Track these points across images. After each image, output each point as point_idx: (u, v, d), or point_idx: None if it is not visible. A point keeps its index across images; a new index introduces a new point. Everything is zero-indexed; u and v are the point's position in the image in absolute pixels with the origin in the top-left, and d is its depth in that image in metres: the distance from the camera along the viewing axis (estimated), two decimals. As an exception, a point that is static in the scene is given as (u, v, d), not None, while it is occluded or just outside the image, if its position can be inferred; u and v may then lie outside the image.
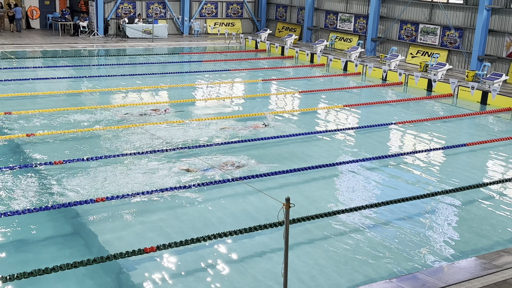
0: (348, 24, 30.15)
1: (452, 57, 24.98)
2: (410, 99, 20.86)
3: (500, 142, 15.67)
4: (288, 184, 12.01)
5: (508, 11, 22.41)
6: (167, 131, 15.10)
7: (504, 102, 19.52)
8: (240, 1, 35.51)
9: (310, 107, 18.83)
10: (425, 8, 25.91)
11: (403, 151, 14.79)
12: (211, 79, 22.99)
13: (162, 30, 32.05)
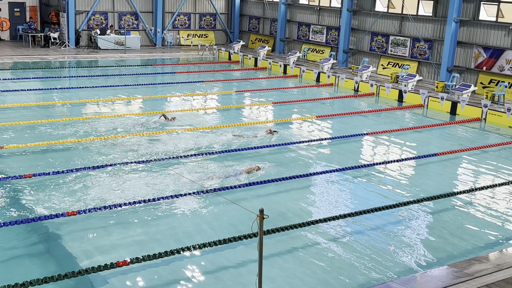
0: (320, 35, 30.47)
1: (422, 68, 25.43)
2: (382, 109, 21.13)
3: (469, 151, 15.96)
4: (262, 194, 12.02)
5: (476, 23, 22.94)
6: (139, 143, 14.99)
7: (472, 112, 19.92)
8: (213, 13, 35.61)
9: (283, 118, 18.92)
10: (395, 21, 26.36)
11: (375, 161, 14.95)
12: (184, 90, 22.93)
13: (134, 42, 31.90)
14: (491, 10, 22.70)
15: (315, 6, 30.55)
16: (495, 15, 22.43)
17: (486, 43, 22.69)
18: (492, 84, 22.37)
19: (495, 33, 22.35)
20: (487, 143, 17.05)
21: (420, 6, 25.40)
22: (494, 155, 15.92)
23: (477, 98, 21.74)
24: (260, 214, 6.75)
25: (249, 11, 35.61)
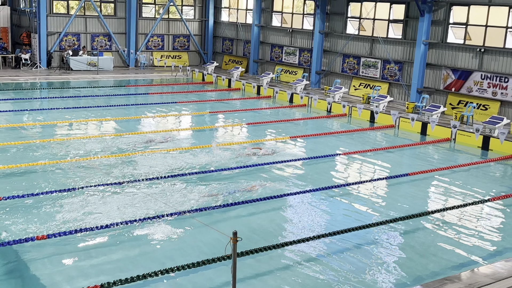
0: (293, 57, 30.81)
1: (393, 89, 25.87)
2: (354, 130, 21.38)
3: (440, 171, 16.23)
4: (237, 215, 12.00)
5: (444, 46, 23.50)
6: (112, 165, 14.86)
7: (442, 132, 20.30)
8: (187, 34, 35.75)
9: (257, 138, 18.98)
10: (366, 43, 26.84)
11: (349, 181, 15.08)
12: (157, 111, 22.86)
13: (107, 63, 31.76)
14: (458, 33, 23.30)
15: (288, 28, 30.93)
16: (463, 37, 23.02)
17: (454, 65, 23.24)
18: (461, 105, 22.87)
19: (463, 55, 22.91)
20: (457, 163, 17.36)
21: (390, 29, 25.93)
22: (464, 175, 16.22)
23: (446, 119, 22.18)
24: (233, 236, 6.74)
25: (222, 33, 35.85)
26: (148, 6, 34.64)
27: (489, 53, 22.02)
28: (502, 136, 18.44)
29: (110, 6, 33.37)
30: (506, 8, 21.38)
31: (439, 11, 23.45)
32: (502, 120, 19.70)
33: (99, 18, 32.47)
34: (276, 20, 31.99)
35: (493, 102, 21.87)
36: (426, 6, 23.21)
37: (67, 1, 31.93)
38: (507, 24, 21.40)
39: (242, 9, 34.39)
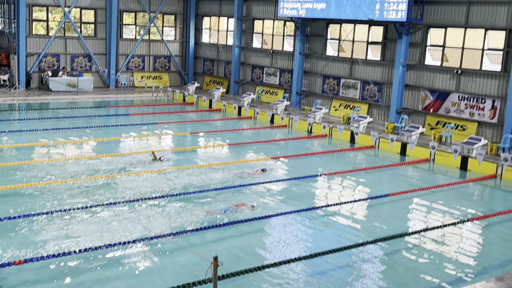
0: (274, 78, 31.00)
1: (372, 110, 26.13)
2: (335, 150, 21.50)
3: (419, 192, 16.36)
4: (218, 238, 11.92)
5: (422, 67, 23.88)
6: (91, 187, 14.70)
7: (421, 153, 20.51)
8: (168, 55, 35.81)
9: (238, 159, 18.97)
10: (345, 64, 27.15)
11: (329, 202, 15.11)
12: (138, 132, 22.75)
13: (87, 83, 31.60)
14: (436, 55, 23.71)
15: (268, 50, 31.17)
16: (440, 59, 23.42)
17: (432, 86, 23.59)
18: (439, 125, 23.17)
19: (440, 77, 23.29)
20: (436, 183, 17.52)
21: (369, 51, 26.28)
22: (443, 195, 16.37)
23: (425, 139, 22.43)
24: (214, 261, 6.69)
25: (203, 54, 35.99)
26: (128, 27, 34.68)
27: (466, 75, 22.42)
28: (480, 157, 18.70)
29: (91, 27, 33.33)
30: (482, 31, 21.85)
31: (416, 33, 23.87)
32: (479, 140, 19.99)
33: (79, 39, 32.39)
34: (257, 41, 32.24)
35: (471, 122, 22.21)
36: (403, 28, 23.62)
37: (47, 22, 31.83)
38: (483, 46, 21.84)
39: (223, 30, 34.61)
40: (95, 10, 32.80)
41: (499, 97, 21.35)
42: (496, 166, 18.50)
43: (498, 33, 21.46)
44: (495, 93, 21.54)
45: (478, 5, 21.84)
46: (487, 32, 21.73)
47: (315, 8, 26.26)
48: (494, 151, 20.16)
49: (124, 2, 33.53)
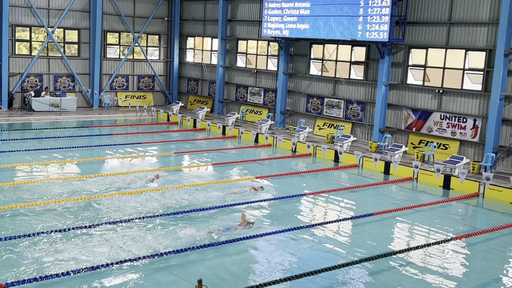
0: (258, 97, 31.14)
1: (356, 129, 26.32)
2: (319, 170, 21.56)
3: (403, 211, 16.44)
4: (202, 259, 11.83)
5: (404, 87, 24.16)
6: (73, 208, 14.54)
7: (405, 172, 20.66)
8: (152, 74, 35.83)
9: (222, 179, 18.93)
10: (329, 84, 27.38)
11: (314, 222, 15.11)
12: (122, 152, 22.62)
13: (70, 103, 31.44)
14: (417, 75, 24.03)
15: (252, 69, 31.35)
16: (422, 79, 23.73)
17: (414, 106, 23.86)
18: (422, 144, 23.40)
19: (422, 96, 23.58)
20: (419, 202, 17.63)
21: (352, 70, 26.56)
22: (427, 214, 16.47)
23: (408, 158, 22.62)
24: (198, 284, 6.64)
25: (187, 73, 36.08)
26: (112, 47, 34.69)
27: (447, 94, 22.73)
28: (462, 176, 18.88)
29: (74, 47, 33.27)
30: (462, 51, 22.22)
31: (398, 53, 24.20)
32: (462, 159, 20.20)
33: (62, 59, 32.30)
34: (241, 61, 32.42)
35: (453, 141, 22.46)
36: (386, 49, 23.94)
37: (30, 42, 31.71)
38: (464, 66, 22.20)
39: (207, 50, 34.77)
40: (78, 30, 32.78)
41: (480, 116, 21.65)
42: (478, 185, 18.69)
43: (478, 53, 21.85)
44: (476, 112, 21.84)
45: (458, 26, 22.24)
46: (467, 52, 22.11)
47: (298, 28, 26.54)
48: (476, 170, 20.39)
49: (108, 23, 33.58)
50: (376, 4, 23.05)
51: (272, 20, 27.86)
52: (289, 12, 26.89)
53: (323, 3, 25.21)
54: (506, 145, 20.83)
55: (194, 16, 35.09)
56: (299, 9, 26.40)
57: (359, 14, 23.70)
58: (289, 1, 26.81)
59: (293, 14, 26.71)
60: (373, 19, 23.21)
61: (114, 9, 33.62)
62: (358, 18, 23.77)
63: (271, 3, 27.82)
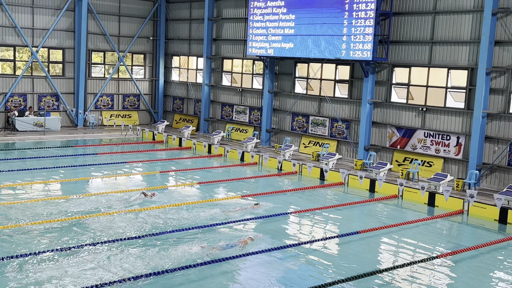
0: (244, 115, 31.22)
1: (341, 147, 26.45)
2: (305, 188, 21.59)
3: (389, 228, 16.49)
4: (185, 281, 11.73)
5: (388, 105, 24.39)
6: (56, 229, 14.37)
7: (390, 189, 20.76)
8: (137, 93, 35.80)
9: (208, 198, 18.86)
10: (314, 102, 27.55)
11: (300, 240, 15.07)
12: (106, 172, 22.47)
13: (54, 123, 31.25)
14: (401, 93, 24.28)
15: (238, 88, 31.46)
16: (406, 97, 23.98)
17: (398, 123, 24.07)
18: (406, 161, 23.56)
19: (406, 114, 23.81)
20: (405, 220, 17.69)
21: (336, 89, 26.77)
22: (412, 231, 16.53)
23: (393, 176, 22.74)
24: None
25: (173, 92, 36.10)
26: (97, 66, 34.65)
27: (430, 112, 22.98)
28: (446, 193, 19.01)
29: (59, 66, 33.18)
30: (444, 70, 22.53)
31: (382, 72, 24.47)
32: (446, 177, 20.37)
33: (46, 78, 32.17)
34: (226, 79, 32.53)
35: (437, 159, 22.65)
36: (369, 67, 24.19)
37: (14, 62, 31.56)
38: (447, 84, 22.49)
39: (192, 69, 34.87)
40: (63, 49, 32.72)
41: (463, 133, 21.90)
42: (462, 202, 18.83)
43: (460, 72, 22.17)
44: (459, 129, 22.09)
45: (441, 45, 22.58)
46: (449, 71, 22.42)
47: (283, 47, 26.75)
48: (461, 187, 20.56)
49: (93, 42, 33.58)
50: (359, 24, 23.34)
51: (257, 39, 28.07)
52: (274, 31, 27.12)
53: (307, 22, 25.48)
54: (489, 162, 21.06)
55: (180, 35, 35.23)
56: (283, 29, 26.64)
57: (343, 33, 23.97)
58: (274, 21, 27.06)
59: (278, 33, 26.93)
60: (357, 38, 23.48)
61: (99, 28, 33.65)
62: (342, 37, 24.03)
63: (255, 22, 28.05)
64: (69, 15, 32.43)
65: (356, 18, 23.41)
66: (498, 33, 20.67)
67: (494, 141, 21.05)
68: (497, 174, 21.04)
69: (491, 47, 20.61)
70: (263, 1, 27.53)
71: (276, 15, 26.93)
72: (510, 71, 20.52)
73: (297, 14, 25.92)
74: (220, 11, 32.09)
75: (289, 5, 26.26)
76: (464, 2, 21.76)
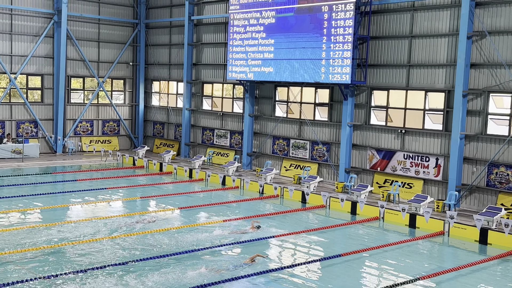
0: (225, 139, 31.22)
1: (322, 170, 26.54)
2: (287, 211, 21.54)
3: (371, 250, 16.49)
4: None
5: (368, 127, 24.62)
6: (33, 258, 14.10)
7: (371, 211, 20.83)
8: (117, 119, 35.63)
9: (190, 223, 18.72)
10: (294, 125, 27.70)
11: (283, 264, 14.99)
12: (86, 198, 22.19)
13: (33, 150, 30.90)
14: (380, 115, 24.55)
15: (218, 112, 31.52)
16: (384, 119, 24.24)
17: (378, 146, 24.28)
18: (387, 183, 23.71)
19: (386, 136, 24.04)
20: (386, 242, 17.72)
21: (316, 112, 26.97)
22: (394, 253, 16.56)
23: (374, 198, 22.85)
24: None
25: (153, 117, 36.02)
26: (77, 92, 34.47)
27: (409, 134, 23.25)
28: (427, 215, 19.13)
29: (37, 92, 32.94)
30: (422, 92, 22.87)
31: (361, 95, 24.75)
32: (426, 198, 20.52)
33: (25, 105, 31.89)
34: (207, 104, 32.59)
35: (417, 180, 22.85)
36: (349, 90, 24.46)
37: (-8, 88, 31.31)
38: (424, 106, 22.81)
39: (173, 93, 34.89)
40: (42, 76, 32.54)
41: (442, 155, 22.15)
42: (443, 223, 18.96)
43: (437, 94, 22.53)
44: (438, 151, 22.35)
45: (418, 68, 22.96)
46: (427, 93, 22.77)
47: (263, 71, 26.94)
48: (441, 208, 20.72)
49: (72, 68, 33.47)
50: (338, 48, 23.66)
51: (237, 63, 28.25)
52: (254, 55, 27.34)
53: (286, 47, 25.75)
54: (468, 183, 21.30)
55: (159, 60, 35.32)
56: (263, 53, 26.88)
57: (322, 57, 24.26)
58: (253, 45, 27.30)
59: (258, 57, 27.15)
60: (336, 62, 23.77)
61: (78, 54, 33.58)
62: (321, 61, 24.32)
63: (235, 47, 28.26)
64: (48, 42, 32.34)
65: (334, 42, 23.74)
66: (473, 56, 21.11)
67: (473, 162, 21.33)
68: (476, 194, 21.27)
69: (467, 69, 21.02)
70: (243, 26, 27.80)
71: (255, 39, 27.19)
72: (486, 93, 20.92)
73: (276, 39, 26.20)
74: (199, 36, 32.30)
75: (268, 30, 26.54)
76: (439, 26, 22.22)
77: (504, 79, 20.42)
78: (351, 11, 23.09)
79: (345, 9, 23.27)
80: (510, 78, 20.17)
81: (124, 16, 35.25)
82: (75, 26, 33.29)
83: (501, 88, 20.53)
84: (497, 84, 20.61)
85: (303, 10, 25.00)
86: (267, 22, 26.55)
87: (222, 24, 30.95)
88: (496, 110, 21.09)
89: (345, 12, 23.29)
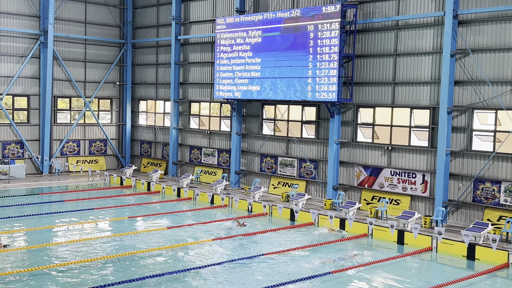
0: (212, 158, 31.22)
1: (310, 187, 26.61)
2: (276, 229, 21.53)
3: (361, 268, 16.53)
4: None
5: (355, 144, 24.79)
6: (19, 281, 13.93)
7: (360, 228, 20.89)
8: (104, 138, 35.52)
9: (178, 243, 18.63)
10: (282, 143, 27.81)
11: (272, 283, 14.94)
12: (73, 219, 22.01)
13: (19, 171, 30.66)
14: (367, 132, 24.75)
15: (206, 130, 31.57)
16: (371, 136, 24.44)
17: (365, 163, 24.44)
18: (374, 200, 23.83)
19: (372, 153, 24.22)
20: (375, 258, 17.77)
21: (303, 130, 27.12)
22: (384, 270, 16.59)
23: (362, 214, 22.93)
24: None
25: (140, 136, 35.96)
26: (63, 112, 34.35)
27: (396, 151, 23.45)
28: (415, 231, 19.23)
29: (23, 113, 32.78)
30: (407, 109, 23.13)
31: (347, 112, 24.96)
32: (413, 214, 20.65)
33: (11, 125, 31.70)
34: (194, 122, 32.63)
35: (404, 196, 22.99)
36: (335, 108, 24.66)
37: (-23, 109, 31.12)
38: (410, 123, 23.06)
39: (160, 112, 34.90)
40: (28, 96, 32.41)
41: (429, 171, 22.35)
42: (431, 239, 19.06)
43: (422, 111, 22.79)
44: (424, 167, 22.55)
45: (403, 86, 23.24)
46: (412, 110, 23.03)
47: (250, 90, 27.10)
48: (428, 224, 20.84)
49: (58, 88, 33.39)
50: (324, 66, 23.90)
51: (224, 82, 28.39)
52: (240, 74, 27.51)
53: (273, 65, 25.96)
54: (455, 198, 21.48)
55: (146, 80, 35.38)
56: (250, 72, 27.06)
57: (308, 75, 24.48)
58: (240, 64, 27.48)
59: (244, 76, 27.33)
60: (322, 80, 24.00)
61: (65, 74, 33.54)
62: (308, 79, 24.53)
63: (222, 66, 28.43)
64: (34, 62, 32.29)
65: (320, 61, 23.99)
66: (457, 73, 21.44)
67: (459, 178, 21.54)
68: (463, 210, 21.45)
69: (451, 87, 21.33)
70: (229, 46, 28.00)
71: (242, 58, 27.38)
72: (470, 109, 21.21)
73: (262, 58, 26.41)
74: (186, 56, 32.46)
75: (255, 49, 26.76)
76: (423, 44, 22.57)
77: (488, 95, 20.74)
78: (337, 30, 23.39)
79: (331, 28, 23.57)
80: (494, 95, 20.50)
81: (110, 36, 35.33)
82: (61, 46, 33.29)
83: (485, 104, 20.84)
84: (481, 101, 20.92)
85: (289, 29, 25.27)
86: (254, 41, 26.79)
87: (208, 43, 31.15)
88: (480, 126, 21.38)
89: (330, 31, 23.59)
